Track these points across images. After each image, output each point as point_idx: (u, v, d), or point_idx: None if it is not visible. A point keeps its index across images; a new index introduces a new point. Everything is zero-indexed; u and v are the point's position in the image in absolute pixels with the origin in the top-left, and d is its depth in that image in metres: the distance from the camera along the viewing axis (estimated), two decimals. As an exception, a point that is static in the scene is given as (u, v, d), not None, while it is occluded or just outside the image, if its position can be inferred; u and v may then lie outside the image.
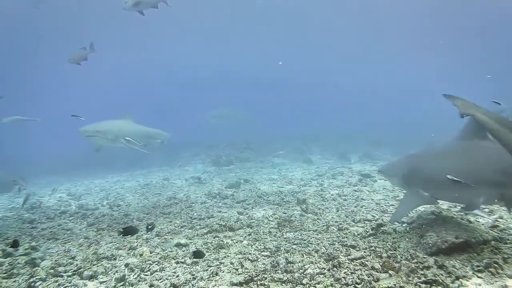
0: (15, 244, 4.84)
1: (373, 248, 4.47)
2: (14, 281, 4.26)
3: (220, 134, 22.19)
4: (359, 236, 5.12)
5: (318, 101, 53.14)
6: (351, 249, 4.53)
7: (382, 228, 5.30)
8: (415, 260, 3.91)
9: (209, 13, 32.41)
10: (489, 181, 4.11)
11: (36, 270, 4.55)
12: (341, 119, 34.87)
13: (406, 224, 5.44)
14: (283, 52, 41.19)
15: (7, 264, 4.84)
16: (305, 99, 52.52)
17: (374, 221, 5.81)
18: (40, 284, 4.09)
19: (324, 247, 4.68)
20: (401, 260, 3.97)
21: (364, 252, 4.35)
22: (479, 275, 3.54)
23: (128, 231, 5.05)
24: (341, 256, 4.23)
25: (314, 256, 4.39)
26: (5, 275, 4.48)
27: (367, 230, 5.32)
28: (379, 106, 42.61)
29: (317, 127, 28.54)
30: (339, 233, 5.35)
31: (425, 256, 4.00)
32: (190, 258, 4.60)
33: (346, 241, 4.83)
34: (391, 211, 6.44)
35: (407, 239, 4.73)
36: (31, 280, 4.22)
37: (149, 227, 5.87)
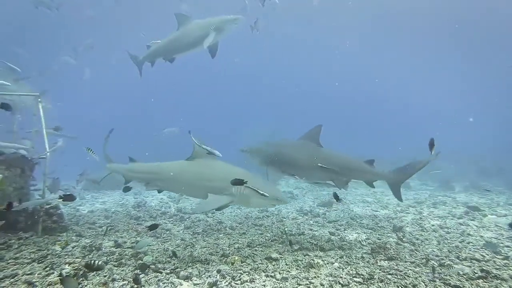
0: (152, 227, 5.56)
1: (483, 293, 3.97)
2: (122, 270, 4.73)
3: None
4: (465, 276, 4.56)
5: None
6: (456, 290, 4.09)
7: (494, 271, 4.70)
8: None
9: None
10: (326, 169, 6.23)
11: (140, 263, 4.99)
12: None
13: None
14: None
15: (117, 254, 5.43)
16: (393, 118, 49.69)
17: (483, 262, 5.20)
18: (143, 277, 4.45)
19: (423, 282, 4.28)
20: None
21: (473, 296, 3.89)
22: None
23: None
24: (444, 296, 3.85)
25: (412, 291, 4.07)
26: (115, 263, 5.02)
27: (476, 271, 4.74)
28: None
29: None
30: (440, 269, 4.85)
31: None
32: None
33: (449, 280, 4.35)
34: (505, 253, 5.69)
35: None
36: (136, 271, 4.63)
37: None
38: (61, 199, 5.02)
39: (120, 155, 7.36)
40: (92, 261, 4.03)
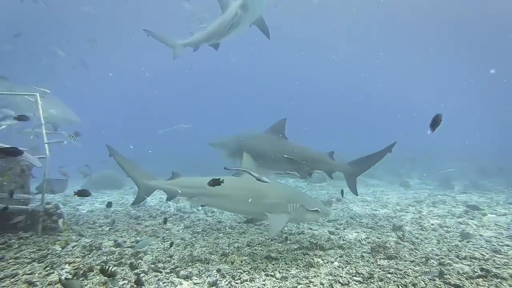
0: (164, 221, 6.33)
1: (483, 292, 3.97)
2: (122, 270, 4.73)
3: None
4: (464, 275, 4.57)
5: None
6: (456, 289, 4.08)
7: (494, 270, 4.70)
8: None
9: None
10: (291, 160, 6.43)
11: (140, 263, 4.99)
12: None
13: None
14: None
15: (117, 254, 5.42)
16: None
17: (483, 261, 5.20)
18: (143, 276, 4.45)
19: (423, 281, 4.28)
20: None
21: (472, 294, 3.88)
22: None
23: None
24: (443, 295, 3.85)
25: (411, 290, 4.06)
26: (115, 262, 5.02)
27: (475, 270, 4.74)
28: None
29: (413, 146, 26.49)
30: (440, 268, 4.89)
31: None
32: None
33: (449, 279, 4.36)
34: (505, 252, 5.70)
35: (530, 289, 4.09)
36: (136, 271, 4.65)
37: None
38: (76, 195, 5.09)
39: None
40: (107, 267, 4.03)
